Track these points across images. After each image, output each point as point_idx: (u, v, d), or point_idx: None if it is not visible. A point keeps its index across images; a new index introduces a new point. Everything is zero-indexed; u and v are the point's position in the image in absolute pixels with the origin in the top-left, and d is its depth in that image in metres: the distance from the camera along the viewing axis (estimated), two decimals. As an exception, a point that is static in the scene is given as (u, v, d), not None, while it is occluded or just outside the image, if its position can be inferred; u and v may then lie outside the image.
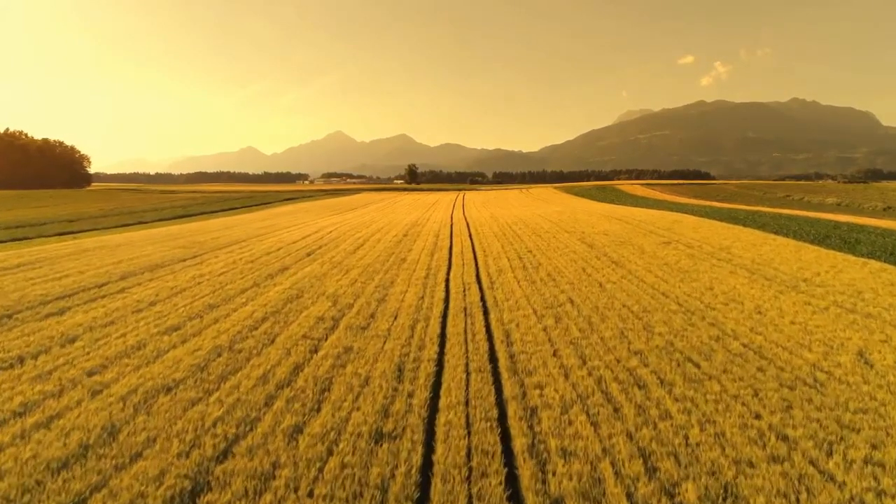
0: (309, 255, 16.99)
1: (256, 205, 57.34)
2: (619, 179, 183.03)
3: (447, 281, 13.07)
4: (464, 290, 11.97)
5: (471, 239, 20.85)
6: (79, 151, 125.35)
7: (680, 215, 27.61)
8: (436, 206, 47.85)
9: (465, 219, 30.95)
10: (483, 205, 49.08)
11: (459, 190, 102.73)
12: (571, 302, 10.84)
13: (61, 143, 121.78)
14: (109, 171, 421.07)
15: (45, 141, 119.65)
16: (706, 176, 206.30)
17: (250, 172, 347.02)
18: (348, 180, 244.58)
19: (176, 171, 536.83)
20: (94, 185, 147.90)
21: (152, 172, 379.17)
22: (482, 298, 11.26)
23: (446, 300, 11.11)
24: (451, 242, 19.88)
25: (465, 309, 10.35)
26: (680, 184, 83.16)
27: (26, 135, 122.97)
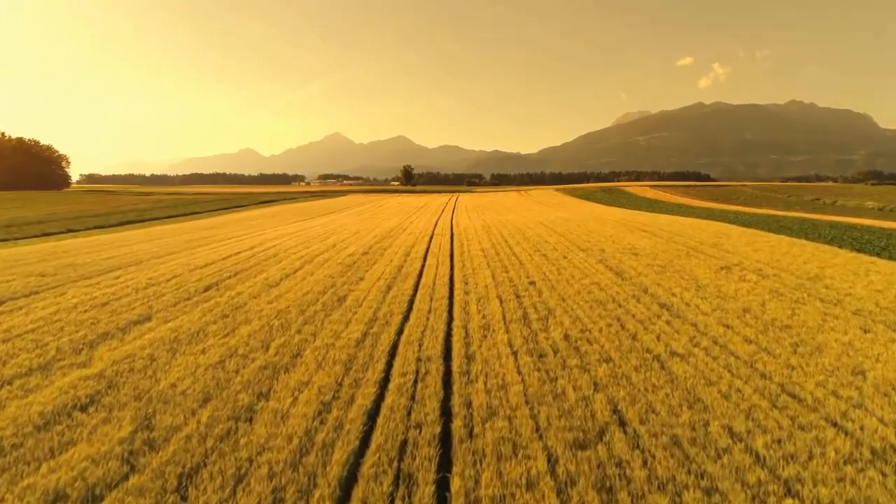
0: (208, 289, 11.50)
1: (228, 208, 51.84)
2: (619, 181, 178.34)
3: (393, 351, 7.59)
4: (416, 382, 6.49)
5: (451, 261, 15.36)
6: (56, 151, 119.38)
7: (719, 224, 22.19)
8: (422, 210, 42.33)
9: (452, 229, 25.47)
10: (477, 209, 43.61)
11: (454, 192, 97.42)
12: (621, 423, 5.38)
13: (37, 143, 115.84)
14: (105, 173, 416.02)
15: (20, 140, 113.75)
16: (706, 178, 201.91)
17: (247, 174, 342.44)
18: (345, 182, 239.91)
19: (173, 173, 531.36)
20: (77, 187, 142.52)
21: (148, 174, 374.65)
22: (445, 411, 5.77)
23: (374, 415, 5.63)
24: (422, 266, 14.40)
25: (400, 451, 4.87)
26: (693, 185, 77.70)
27: (2, 134, 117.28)
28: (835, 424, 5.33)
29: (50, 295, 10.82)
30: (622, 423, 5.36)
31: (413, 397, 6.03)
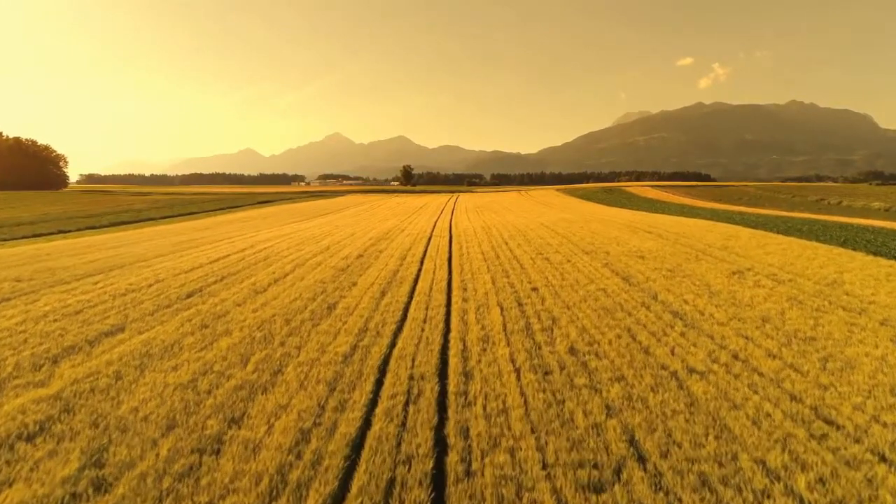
0: (190, 295, 10.84)
1: (224, 209, 51.18)
2: (619, 181, 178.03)
3: (384, 367, 6.93)
4: (407, 404, 5.82)
5: (449, 265, 14.70)
6: (54, 151, 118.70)
7: (726, 226, 21.52)
8: (421, 211, 41.66)
9: (451, 230, 24.82)
10: (476, 210, 42.94)
11: (453, 192, 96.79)
12: (639, 457, 4.72)
13: (34, 142, 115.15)
14: (105, 173, 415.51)
15: (17, 140, 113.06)
16: (706, 178, 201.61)
17: (247, 174, 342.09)
18: (344, 182, 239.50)
19: (173, 173, 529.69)
20: (76, 186, 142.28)
21: (148, 174, 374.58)
22: (439, 441, 5.10)
23: (358, 446, 4.96)
24: (418, 270, 13.73)
25: (386, 494, 4.20)
26: (695, 186, 76.99)
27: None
28: (884, 459, 4.67)
29: (21, 302, 10.16)
30: (641, 458, 4.69)
31: (403, 424, 5.36)
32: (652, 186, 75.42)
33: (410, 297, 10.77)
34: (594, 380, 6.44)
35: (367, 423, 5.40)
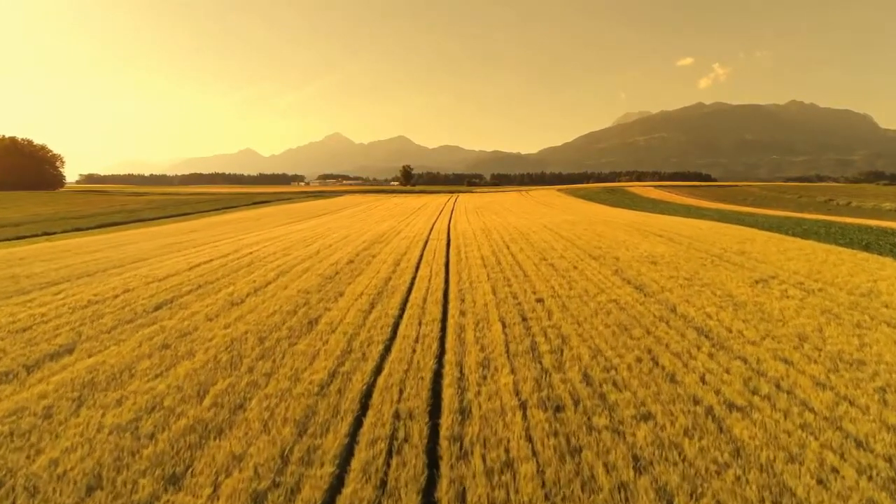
0: (159, 308, 9.79)
1: (219, 209, 50.16)
2: (620, 181, 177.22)
3: (366, 401, 5.87)
4: (389, 454, 4.75)
5: (446, 271, 13.63)
6: (50, 151, 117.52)
7: (739, 228, 20.47)
8: (419, 212, 40.60)
9: (449, 232, 23.75)
10: (476, 211, 41.87)
11: (453, 192, 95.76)
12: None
13: (30, 142, 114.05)
14: (104, 173, 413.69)
15: (13, 140, 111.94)
16: (707, 178, 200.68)
17: (246, 174, 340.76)
18: (344, 182, 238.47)
19: (172, 173, 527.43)
20: (74, 186, 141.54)
21: (147, 174, 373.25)
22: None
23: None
24: (413, 278, 12.67)
25: None
26: (698, 186, 75.90)
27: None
28: None
29: (-33, 316, 9.10)
30: (687, 539, 3.64)
31: (383, 483, 4.31)
32: (655, 187, 74.30)
33: (402, 309, 9.71)
34: (615, 419, 5.39)
35: (338, 482, 4.35)
